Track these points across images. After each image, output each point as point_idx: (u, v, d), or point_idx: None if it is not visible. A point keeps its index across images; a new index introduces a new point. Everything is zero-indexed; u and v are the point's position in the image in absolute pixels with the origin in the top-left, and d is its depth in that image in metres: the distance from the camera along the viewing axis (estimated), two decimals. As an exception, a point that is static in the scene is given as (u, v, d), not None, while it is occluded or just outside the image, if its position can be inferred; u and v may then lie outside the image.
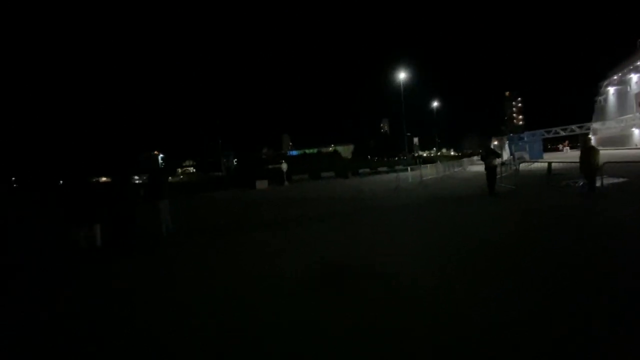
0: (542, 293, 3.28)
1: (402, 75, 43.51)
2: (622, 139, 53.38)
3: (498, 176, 11.57)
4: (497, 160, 11.38)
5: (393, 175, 17.51)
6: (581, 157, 9.70)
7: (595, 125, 57.52)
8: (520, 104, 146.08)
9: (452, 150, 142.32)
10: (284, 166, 27.88)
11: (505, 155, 33.42)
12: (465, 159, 41.07)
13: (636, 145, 46.65)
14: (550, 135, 44.88)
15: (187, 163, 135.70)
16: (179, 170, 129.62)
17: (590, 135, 63.95)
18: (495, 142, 42.19)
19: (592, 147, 9.76)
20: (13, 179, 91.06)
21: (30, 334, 3.39)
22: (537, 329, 2.63)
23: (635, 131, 51.84)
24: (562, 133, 47.75)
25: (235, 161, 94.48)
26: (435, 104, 67.63)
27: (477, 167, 35.71)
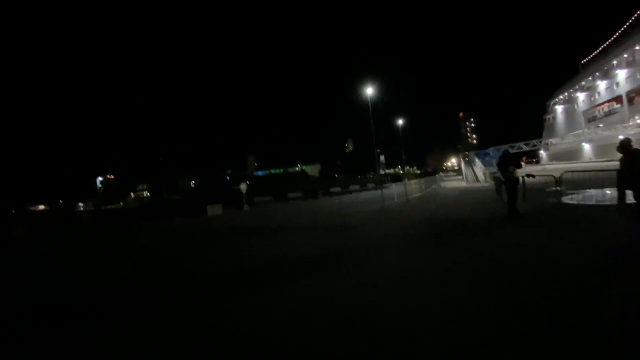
0: None
1: (369, 91, 42.33)
2: (574, 154, 56.26)
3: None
4: (517, 173, 8.77)
5: (368, 194, 14.75)
6: (625, 166, 7.34)
7: (554, 140, 60.16)
8: (473, 124, 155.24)
9: (415, 167, 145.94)
10: (243, 187, 23.99)
11: (480, 170, 32.33)
12: (437, 176, 39.90)
13: (590, 159, 49.00)
14: (514, 150, 45.58)
15: (141, 187, 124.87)
16: (132, 194, 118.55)
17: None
18: (462, 161, 41.63)
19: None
20: None
21: None
22: None
23: (586, 146, 54.96)
24: (525, 148, 48.93)
25: (193, 183, 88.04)
26: (400, 121, 68.18)
27: (452, 183, 34.43)
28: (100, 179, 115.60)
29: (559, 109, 72.04)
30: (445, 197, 16.94)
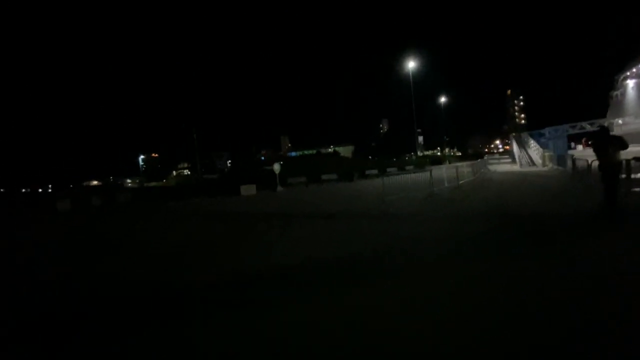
0: None
1: (411, 65, 39.25)
2: None
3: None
4: (620, 155, 6.79)
5: (408, 176, 12.99)
6: None
7: (624, 119, 52.66)
8: (522, 102, 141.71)
9: (455, 149, 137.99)
10: (276, 167, 23.20)
11: (536, 153, 28.83)
12: (484, 158, 36.60)
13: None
14: (576, 131, 40.40)
15: (183, 165, 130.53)
16: (174, 172, 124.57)
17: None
18: (514, 142, 37.59)
19: None
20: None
21: None
22: None
23: (663, 126, 47.48)
24: (589, 128, 42.94)
25: (230, 163, 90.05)
26: (442, 99, 63.50)
27: (502, 166, 31.17)
28: (142, 156, 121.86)
29: (631, 83, 62.73)
30: (502, 183, 14.84)
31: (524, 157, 29.80)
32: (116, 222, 14.73)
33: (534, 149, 30.60)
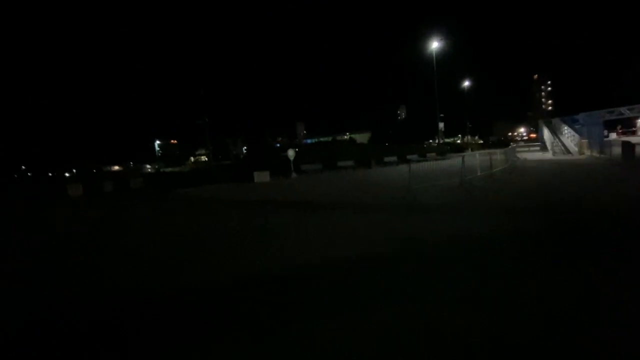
0: None
1: (434, 45, 36.78)
2: None
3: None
4: None
5: (431, 164, 11.77)
6: None
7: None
8: (549, 88, 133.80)
9: (476, 137, 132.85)
10: (290, 153, 22.21)
11: (571, 140, 26.59)
12: (512, 146, 34.35)
13: None
14: (614, 116, 37.18)
15: (200, 151, 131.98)
16: (192, 158, 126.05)
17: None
18: (545, 128, 34.98)
19: None
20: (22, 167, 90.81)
21: None
22: None
23: None
24: (629, 114, 39.41)
25: (245, 149, 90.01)
26: (465, 83, 60.24)
27: (532, 154, 28.79)
28: (158, 142, 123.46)
29: (677, 64, 57.35)
30: (538, 171, 13.34)
31: (557, 145, 27.58)
32: (121, 210, 14.23)
33: (568, 136, 28.27)
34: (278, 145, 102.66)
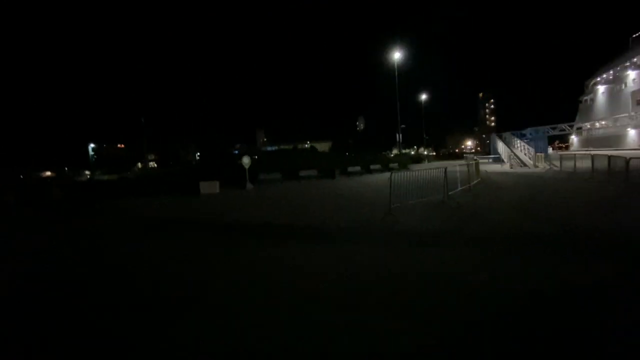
0: None
1: (396, 56, 36.69)
2: (614, 140, 49.82)
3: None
4: None
5: (405, 175, 10.08)
6: None
7: (594, 124, 53.37)
8: (492, 105, 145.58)
9: (430, 149, 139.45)
10: (245, 161, 19.56)
11: (525, 153, 27.31)
12: (473, 158, 34.91)
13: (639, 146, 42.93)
14: (556, 132, 40.00)
15: (150, 157, 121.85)
16: (139, 164, 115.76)
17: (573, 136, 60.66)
18: (499, 142, 36.27)
19: None
20: None
21: None
22: None
23: (631, 132, 48.43)
24: (569, 130, 42.86)
25: (198, 155, 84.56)
26: (423, 97, 62.06)
27: (489, 166, 28.83)
28: (92, 145, 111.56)
29: (601, 89, 64.08)
30: (511, 185, 12.43)
31: (514, 158, 28.22)
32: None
33: (522, 149, 29.12)
34: (236, 152, 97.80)
